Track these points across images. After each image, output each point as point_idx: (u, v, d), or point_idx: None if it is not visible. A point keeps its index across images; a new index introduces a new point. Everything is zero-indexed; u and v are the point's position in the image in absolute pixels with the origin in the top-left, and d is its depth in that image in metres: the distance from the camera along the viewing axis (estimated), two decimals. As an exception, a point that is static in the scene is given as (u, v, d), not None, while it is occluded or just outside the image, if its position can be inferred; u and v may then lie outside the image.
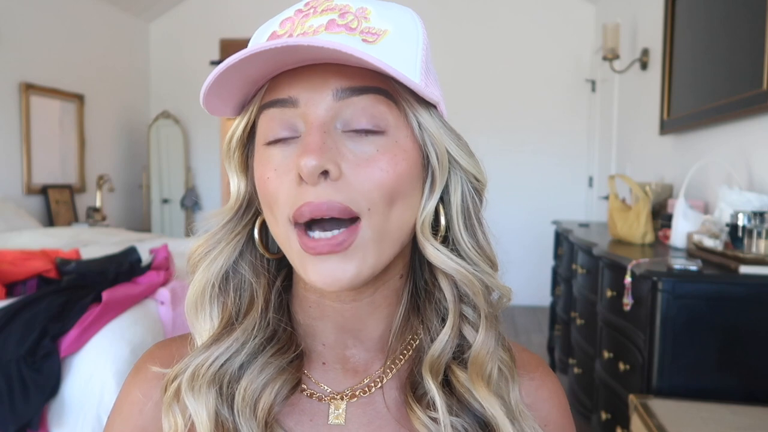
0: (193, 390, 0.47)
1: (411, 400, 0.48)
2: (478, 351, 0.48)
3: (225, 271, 0.50)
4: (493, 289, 0.50)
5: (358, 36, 0.44)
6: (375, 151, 0.44)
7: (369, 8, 0.46)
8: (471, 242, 0.49)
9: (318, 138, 0.43)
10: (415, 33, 0.47)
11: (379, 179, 0.44)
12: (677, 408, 1.36)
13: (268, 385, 0.47)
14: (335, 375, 0.51)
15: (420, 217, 0.48)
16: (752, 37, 1.91)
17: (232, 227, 0.51)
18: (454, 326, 0.48)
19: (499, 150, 4.74)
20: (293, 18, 0.46)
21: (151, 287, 2.09)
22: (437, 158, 0.48)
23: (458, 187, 0.49)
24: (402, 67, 0.45)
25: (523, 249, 4.66)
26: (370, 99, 0.44)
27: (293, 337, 0.51)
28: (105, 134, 4.76)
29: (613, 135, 3.97)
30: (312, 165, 0.41)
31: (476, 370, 0.47)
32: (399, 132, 0.46)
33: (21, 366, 1.67)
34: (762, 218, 1.58)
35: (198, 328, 0.50)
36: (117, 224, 4.72)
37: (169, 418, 0.48)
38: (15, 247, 2.55)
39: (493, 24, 4.83)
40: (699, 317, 1.47)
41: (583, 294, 2.36)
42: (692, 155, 2.55)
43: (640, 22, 3.39)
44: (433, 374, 0.47)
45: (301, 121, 0.45)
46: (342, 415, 0.50)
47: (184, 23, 5.19)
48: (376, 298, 0.50)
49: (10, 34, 3.71)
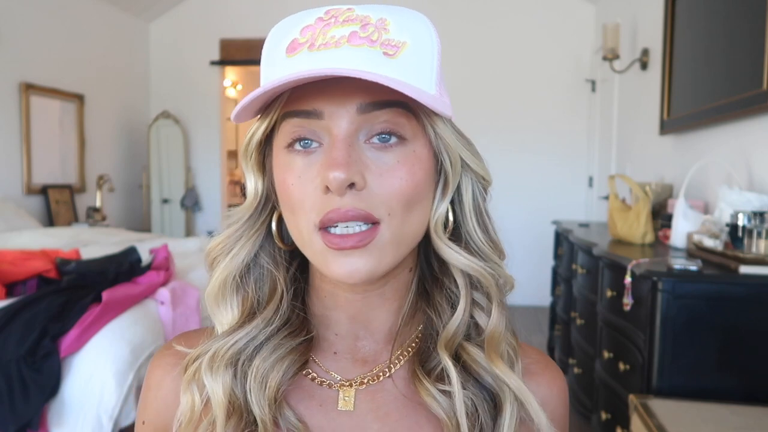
0: (211, 369, 0.50)
1: (420, 374, 0.50)
2: (493, 330, 0.51)
3: (246, 264, 0.53)
4: (499, 276, 0.53)
5: (379, 49, 0.46)
6: (395, 162, 0.47)
7: (388, 19, 0.47)
8: (484, 237, 0.53)
9: (344, 152, 0.45)
10: (430, 43, 0.48)
11: (398, 188, 0.47)
12: (677, 408, 1.37)
13: (276, 364, 0.50)
14: (345, 364, 0.54)
15: (433, 218, 0.51)
16: (752, 37, 1.91)
17: (252, 223, 0.54)
18: (466, 309, 0.51)
19: (500, 150, 4.74)
20: (314, 26, 0.47)
21: (151, 287, 2.10)
22: (451, 164, 0.51)
23: (469, 187, 0.53)
24: (420, 79, 0.47)
25: (523, 249, 4.65)
26: (391, 113, 0.47)
27: (305, 322, 0.54)
28: (105, 134, 4.77)
29: (613, 135, 3.97)
30: (341, 179, 0.44)
31: (493, 348, 0.51)
32: (416, 142, 0.49)
33: (21, 366, 1.67)
34: (762, 218, 1.58)
35: (219, 318, 0.53)
36: (117, 224, 4.72)
37: (187, 395, 0.51)
38: (15, 247, 2.55)
39: (493, 24, 4.83)
40: (699, 317, 1.47)
41: (583, 294, 2.36)
42: (692, 155, 2.55)
43: (640, 22, 3.39)
44: (448, 351, 0.50)
45: (324, 131, 0.47)
46: (351, 402, 0.52)
47: (184, 23, 5.19)
48: (386, 291, 0.53)
49: (10, 34, 3.71)
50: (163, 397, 0.56)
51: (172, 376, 0.55)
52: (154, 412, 0.56)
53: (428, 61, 0.48)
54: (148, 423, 0.57)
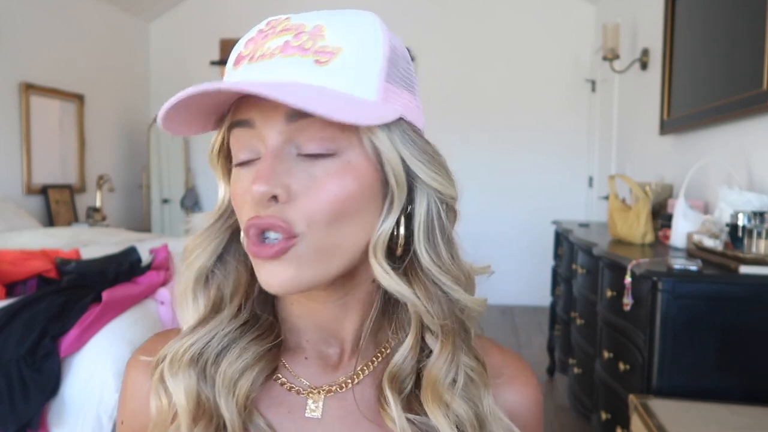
0: (171, 371, 0.50)
1: (383, 398, 0.50)
2: (433, 362, 0.49)
3: (208, 267, 0.53)
4: (460, 301, 0.50)
5: (311, 57, 0.46)
6: (324, 174, 0.46)
7: (324, 25, 0.47)
8: (433, 256, 0.49)
9: (268, 165, 0.45)
10: (373, 45, 0.47)
11: (324, 200, 0.46)
12: (677, 408, 1.37)
13: (246, 371, 0.50)
14: (315, 370, 0.54)
15: (375, 233, 0.48)
16: (752, 37, 1.91)
17: (217, 228, 0.54)
18: (416, 335, 0.50)
19: (499, 150, 4.74)
20: (256, 38, 0.48)
21: (151, 287, 2.10)
22: (394, 177, 0.48)
23: (423, 202, 0.49)
24: (356, 86, 0.46)
25: (523, 249, 4.66)
26: (321, 122, 0.45)
27: (274, 326, 0.54)
28: (105, 134, 4.76)
29: (613, 135, 3.97)
30: (260, 191, 0.44)
31: (429, 380, 0.49)
32: (351, 152, 0.47)
33: (21, 366, 1.67)
34: (762, 218, 1.58)
35: (185, 318, 0.53)
36: (117, 224, 4.72)
37: (155, 399, 0.51)
38: (15, 247, 2.54)
39: (492, 24, 4.83)
40: (699, 317, 1.47)
41: (583, 294, 2.36)
42: (692, 155, 2.55)
43: (640, 22, 3.39)
44: (393, 383, 0.49)
45: (260, 142, 0.47)
46: (319, 409, 0.52)
47: (184, 23, 5.19)
48: (348, 301, 0.52)
49: (10, 34, 3.71)
50: (138, 398, 0.56)
51: (147, 377, 0.54)
52: (131, 413, 0.57)
53: (368, 64, 0.47)
54: (126, 423, 0.57)
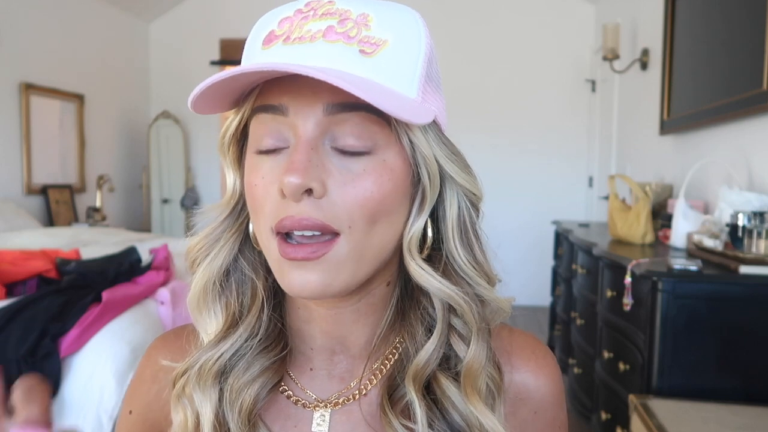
0: (199, 385, 0.48)
1: (386, 405, 0.47)
2: (470, 364, 0.47)
3: (226, 269, 0.50)
4: (490, 302, 0.49)
5: (356, 46, 0.43)
6: (361, 171, 0.44)
7: (370, 14, 0.44)
8: (467, 257, 0.48)
9: (304, 156, 0.42)
10: (417, 42, 0.45)
11: (362, 199, 0.44)
12: (677, 408, 1.36)
13: (251, 384, 0.48)
14: (321, 381, 0.52)
15: (407, 234, 0.47)
16: (752, 37, 1.91)
17: (230, 223, 0.51)
18: (441, 336, 0.47)
19: (499, 150, 4.74)
20: (292, 18, 0.45)
21: (151, 287, 2.10)
22: (428, 177, 0.47)
23: (454, 202, 0.48)
24: (398, 81, 0.44)
25: (523, 249, 4.65)
26: (361, 117, 0.43)
27: (282, 334, 0.51)
28: (105, 134, 4.76)
29: (613, 135, 3.97)
30: (295, 184, 0.41)
31: (470, 383, 0.47)
32: (388, 151, 0.45)
33: (21, 366, 1.67)
34: (762, 218, 1.58)
35: (203, 325, 0.51)
36: (117, 224, 4.72)
37: (179, 412, 0.49)
38: (15, 247, 2.54)
39: (492, 24, 4.83)
40: (699, 317, 1.47)
41: (583, 294, 2.36)
42: (692, 155, 2.55)
43: (640, 22, 3.39)
44: (416, 384, 0.46)
45: (290, 131, 0.44)
46: (326, 423, 0.50)
47: (184, 23, 5.19)
48: (361, 306, 0.50)
49: (10, 34, 3.71)
50: (156, 392, 0.54)
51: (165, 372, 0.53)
52: (145, 404, 0.55)
53: (411, 61, 0.45)
54: (136, 414, 0.55)
